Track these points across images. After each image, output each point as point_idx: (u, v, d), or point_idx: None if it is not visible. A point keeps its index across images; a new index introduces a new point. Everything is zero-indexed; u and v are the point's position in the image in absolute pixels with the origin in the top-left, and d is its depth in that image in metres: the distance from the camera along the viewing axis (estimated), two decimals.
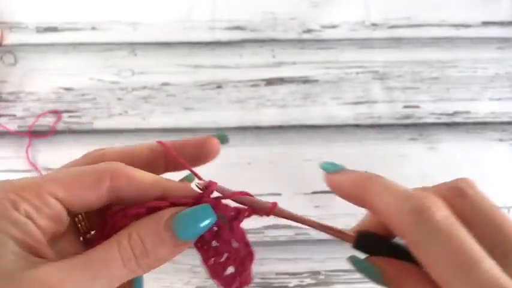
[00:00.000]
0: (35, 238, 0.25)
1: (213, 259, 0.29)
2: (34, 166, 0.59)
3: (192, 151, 0.31)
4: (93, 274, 0.24)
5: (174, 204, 0.27)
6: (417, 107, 0.64)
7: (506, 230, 0.25)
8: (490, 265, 0.23)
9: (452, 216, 0.25)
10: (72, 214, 0.27)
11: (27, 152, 0.59)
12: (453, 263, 0.23)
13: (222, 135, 0.32)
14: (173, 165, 0.31)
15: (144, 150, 0.31)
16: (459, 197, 0.27)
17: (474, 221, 0.25)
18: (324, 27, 0.67)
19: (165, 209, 0.27)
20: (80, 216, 0.30)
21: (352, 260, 0.31)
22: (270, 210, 0.30)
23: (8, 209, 0.24)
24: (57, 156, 0.60)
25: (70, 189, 0.26)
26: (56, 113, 0.62)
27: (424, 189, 0.29)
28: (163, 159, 0.31)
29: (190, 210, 0.27)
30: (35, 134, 0.61)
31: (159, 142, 0.31)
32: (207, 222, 0.27)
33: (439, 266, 0.23)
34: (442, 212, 0.24)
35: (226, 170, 0.52)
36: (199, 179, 0.30)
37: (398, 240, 0.30)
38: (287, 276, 0.56)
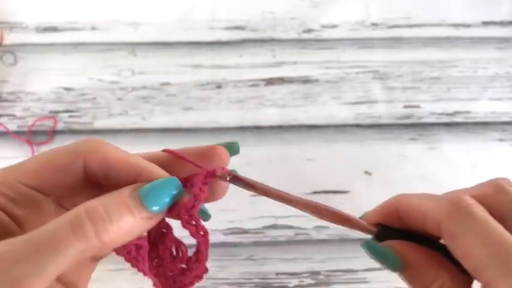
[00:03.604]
0: (3, 226, 0.24)
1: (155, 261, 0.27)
2: None
3: (195, 160, 0.28)
4: (36, 247, 0.22)
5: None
6: (417, 107, 0.64)
7: None
8: None
9: (487, 212, 0.26)
10: (57, 196, 0.27)
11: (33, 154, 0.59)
12: (489, 251, 0.24)
13: (232, 144, 0.30)
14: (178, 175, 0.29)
15: (147, 159, 0.28)
16: (499, 193, 0.27)
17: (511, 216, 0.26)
18: (324, 27, 0.67)
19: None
20: None
21: (369, 245, 0.29)
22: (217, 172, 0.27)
23: None
24: None
25: (41, 175, 0.26)
26: (52, 118, 0.62)
27: (461, 190, 0.29)
28: (169, 169, 0.28)
29: (158, 180, 0.25)
30: (35, 142, 0.61)
31: (167, 150, 0.29)
32: (174, 192, 0.25)
33: (475, 253, 0.24)
34: (478, 207, 0.26)
35: None
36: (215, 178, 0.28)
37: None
38: (287, 276, 0.56)
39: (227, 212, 0.58)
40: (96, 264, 0.29)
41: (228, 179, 0.28)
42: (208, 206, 0.30)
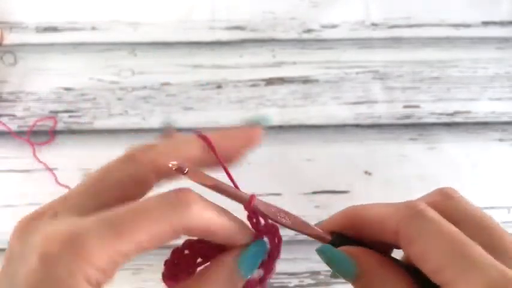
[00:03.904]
0: None
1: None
2: (47, 166, 0.59)
3: (233, 142, 0.29)
4: None
5: None
6: (417, 107, 0.64)
7: (493, 229, 0.26)
8: (483, 251, 0.23)
9: (441, 216, 0.26)
10: None
11: (35, 155, 0.59)
12: (446, 251, 0.24)
13: (264, 116, 0.30)
14: (214, 162, 0.29)
15: (192, 149, 0.28)
16: (448, 199, 0.28)
17: (463, 222, 0.26)
18: (324, 27, 0.67)
19: (228, 251, 0.27)
20: None
21: (323, 249, 0.29)
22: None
23: (80, 283, 0.21)
24: (57, 156, 0.60)
25: (141, 245, 0.23)
26: (52, 118, 0.62)
27: (412, 200, 0.29)
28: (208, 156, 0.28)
29: (253, 247, 0.27)
30: (35, 142, 0.61)
31: (201, 136, 0.28)
32: (264, 255, 0.27)
33: (433, 255, 0.24)
34: (433, 211, 0.26)
35: None
36: (236, 186, 0.29)
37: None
38: (287, 276, 0.56)
39: None
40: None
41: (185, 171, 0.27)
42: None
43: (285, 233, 0.60)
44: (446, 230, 0.25)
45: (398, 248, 0.28)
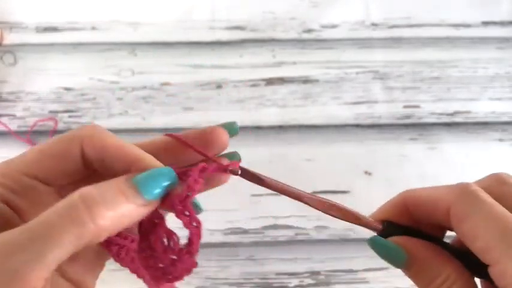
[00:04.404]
0: (5, 218, 0.25)
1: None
2: None
3: (195, 143, 0.28)
4: (31, 236, 0.21)
5: None
6: (417, 107, 0.64)
7: None
8: None
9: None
10: (58, 185, 0.27)
11: None
12: (496, 232, 0.24)
13: (230, 124, 0.29)
14: (179, 161, 0.29)
15: (146, 145, 0.29)
16: (503, 185, 0.28)
17: None
18: (324, 27, 0.67)
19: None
20: None
21: (374, 240, 0.29)
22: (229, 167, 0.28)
23: None
24: None
25: (41, 163, 0.26)
26: (53, 119, 0.62)
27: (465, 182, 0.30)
28: (168, 154, 0.29)
29: (155, 169, 0.26)
30: (36, 142, 0.61)
31: (168, 134, 0.29)
32: (168, 181, 0.25)
33: (483, 234, 0.25)
34: (485, 193, 0.27)
35: None
36: (220, 164, 0.28)
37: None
38: (287, 276, 0.56)
39: (227, 212, 0.58)
40: (104, 264, 0.29)
41: (239, 173, 0.28)
42: (210, 205, 0.29)
43: (285, 233, 0.60)
44: (497, 210, 0.25)
45: (450, 229, 0.28)
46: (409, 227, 0.30)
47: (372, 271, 0.56)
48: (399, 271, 0.30)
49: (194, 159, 0.29)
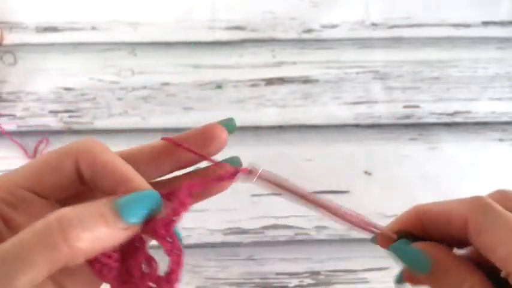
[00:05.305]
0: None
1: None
2: None
3: (195, 143, 0.28)
4: (2, 257, 0.21)
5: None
6: (417, 107, 0.64)
7: None
8: None
9: None
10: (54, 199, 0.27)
11: (34, 156, 0.59)
12: None
13: (228, 120, 0.29)
14: (180, 162, 0.29)
15: (145, 149, 0.29)
16: (508, 201, 0.28)
17: None
18: (324, 27, 0.67)
19: None
20: None
21: (397, 246, 0.29)
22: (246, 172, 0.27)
23: None
24: None
25: (38, 176, 0.26)
26: (52, 119, 0.62)
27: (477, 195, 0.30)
28: (167, 157, 0.28)
29: (138, 192, 0.25)
30: (35, 142, 0.61)
31: (164, 138, 0.28)
32: (152, 206, 0.25)
33: (503, 243, 0.25)
34: (498, 204, 0.27)
35: None
36: (218, 166, 0.28)
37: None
38: (287, 276, 0.56)
39: (227, 212, 0.58)
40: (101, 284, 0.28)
41: (254, 180, 0.28)
42: (210, 205, 0.29)
43: (285, 233, 0.60)
44: None
45: (465, 243, 0.28)
46: (425, 237, 0.30)
47: (372, 271, 0.56)
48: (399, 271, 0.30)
49: (196, 159, 0.29)
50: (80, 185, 0.27)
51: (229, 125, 0.29)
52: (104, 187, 0.26)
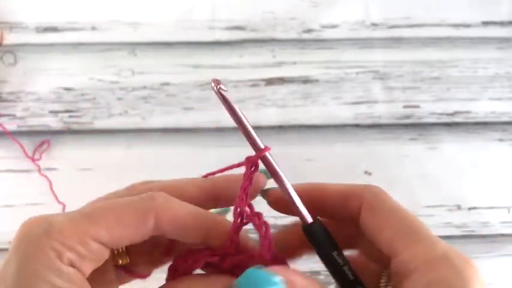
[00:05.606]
0: (78, 285, 0.24)
1: None
2: (38, 167, 0.59)
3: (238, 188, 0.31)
4: None
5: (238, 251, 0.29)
6: (417, 107, 0.64)
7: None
8: (429, 230, 0.27)
9: None
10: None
11: (34, 154, 0.60)
12: (401, 224, 0.28)
13: (265, 170, 0.33)
14: (222, 202, 0.32)
15: (191, 187, 0.31)
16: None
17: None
18: (324, 27, 0.67)
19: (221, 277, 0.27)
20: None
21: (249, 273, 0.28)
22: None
23: (52, 260, 0.23)
24: (57, 156, 0.60)
25: (112, 231, 0.25)
26: (52, 119, 0.62)
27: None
28: (211, 195, 0.31)
29: (251, 276, 0.25)
30: (35, 142, 0.61)
31: (207, 175, 0.32)
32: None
33: (389, 226, 0.28)
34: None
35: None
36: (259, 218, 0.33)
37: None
38: None
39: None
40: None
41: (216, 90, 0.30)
42: None
43: None
44: (402, 208, 0.29)
45: (352, 223, 0.30)
46: (329, 233, 0.31)
47: None
48: None
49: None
50: (147, 239, 0.27)
51: (266, 173, 0.34)
52: (188, 238, 0.28)
